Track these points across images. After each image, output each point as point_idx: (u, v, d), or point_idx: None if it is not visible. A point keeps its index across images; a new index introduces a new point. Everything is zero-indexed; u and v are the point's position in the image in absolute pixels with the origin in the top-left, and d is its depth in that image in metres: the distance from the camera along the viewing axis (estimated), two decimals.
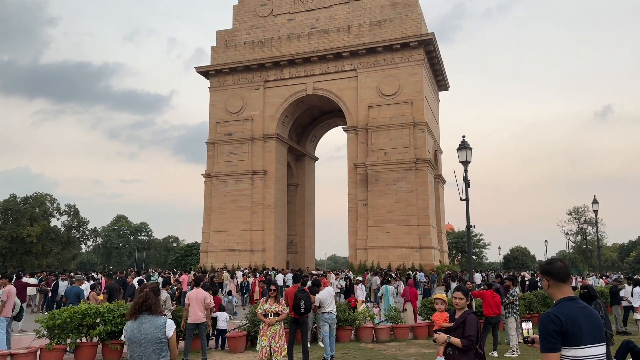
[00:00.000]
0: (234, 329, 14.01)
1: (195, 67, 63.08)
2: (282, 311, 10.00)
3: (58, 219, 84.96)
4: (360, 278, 26.06)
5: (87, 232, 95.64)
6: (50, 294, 21.94)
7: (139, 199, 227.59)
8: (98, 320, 11.40)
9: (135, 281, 18.09)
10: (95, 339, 11.77)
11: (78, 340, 11.44)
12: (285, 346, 9.92)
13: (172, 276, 26.14)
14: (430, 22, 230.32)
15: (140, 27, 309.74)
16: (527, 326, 4.42)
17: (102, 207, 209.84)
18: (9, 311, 12.17)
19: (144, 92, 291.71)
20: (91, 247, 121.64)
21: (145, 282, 16.55)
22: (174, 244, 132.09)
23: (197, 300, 11.33)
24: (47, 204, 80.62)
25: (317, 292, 12.14)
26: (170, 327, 4.74)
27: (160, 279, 22.36)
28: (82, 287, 17.58)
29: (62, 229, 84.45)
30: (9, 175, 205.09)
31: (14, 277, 16.77)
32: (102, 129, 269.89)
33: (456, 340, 6.30)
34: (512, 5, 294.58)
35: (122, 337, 5.33)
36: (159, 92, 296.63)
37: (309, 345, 11.58)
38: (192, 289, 12.45)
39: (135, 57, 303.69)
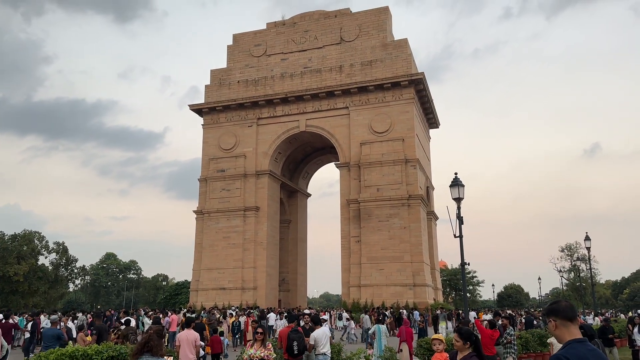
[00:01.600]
0: None
1: (189, 105, 63.70)
2: (268, 356, 9.45)
3: (46, 257, 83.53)
4: (325, 317, 25.31)
5: (76, 271, 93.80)
6: (28, 334, 21.15)
7: (129, 236, 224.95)
8: None
9: (122, 320, 17.60)
10: None
11: None
12: None
13: (161, 316, 25.48)
14: (421, 62, 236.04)
15: (134, 66, 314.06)
16: None
17: (92, 244, 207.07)
18: None
19: (137, 129, 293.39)
20: (79, 286, 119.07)
21: (131, 322, 16.16)
22: (163, 283, 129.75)
23: (188, 341, 10.99)
24: (36, 241, 79.39)
25: (314, 331, 11.88)
26: None
27: (147, 320, 21.75)
28: (69, 325, 17.11)
29: (50, 268, 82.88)
30: None
31: (2, 318, 16.25)
32: (93, 165, 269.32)
33: None
34: (499, 47, 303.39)
35: None
36: (152, 129, 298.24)
37: None
38: (182, 329, 12.10)
39: (129, 94, 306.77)
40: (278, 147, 60.06)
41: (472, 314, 37.29)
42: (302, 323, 14.39)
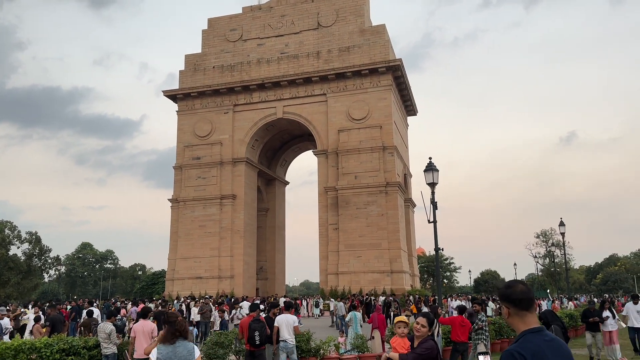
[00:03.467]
0: None
1: (163, 91, 62.25)
2: None
3: (18, 247, 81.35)
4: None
5: (50, 261, 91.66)
6: None
7: (106, 225, 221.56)
8: (34, 357, 10.36)
9: (84, 312, 16.90)
10: None
11: None
12: None
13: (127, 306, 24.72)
14: (401, 50, 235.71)
15: (111, 52, 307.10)
16: (485, 359, 3.82)
17: (69, 234, 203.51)
18: None
19: (114, 117, 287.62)
20: (54, 277, 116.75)
21: (94, 313, 15.47)
22: (140, 272, 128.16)
23: (144, 333, 10.43)
24: (7, 231, 77.17)
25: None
26: (197, 352, 5.22)
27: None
28: (26, 317, 16.34)
29: (23, 258, 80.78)
30: None
31: None
32: (69, 154, 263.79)
33: (394, 355, 5.71)
34: (478, 35, 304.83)
35: (152, 358, 5.08)
36: (130, 117, 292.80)
37: None
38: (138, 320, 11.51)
39: (105, 82, 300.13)
40: (255, 134, 59.19)
41: (455, 303, 37.16)
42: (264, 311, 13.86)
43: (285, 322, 11.57)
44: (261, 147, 62.51)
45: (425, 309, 30.07)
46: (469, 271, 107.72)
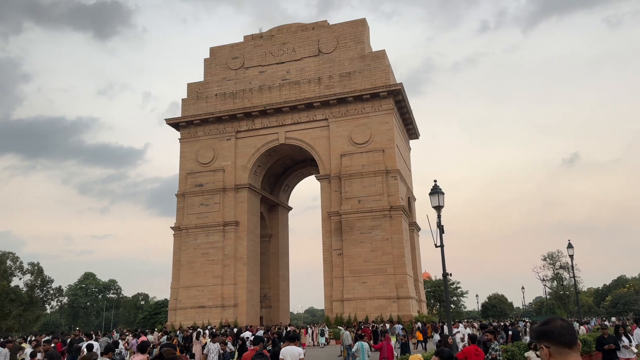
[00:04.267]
0: None
1: (166, 119, 62.48)
2: None
3: (20, 279, 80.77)
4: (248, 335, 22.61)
5: (52, 292, 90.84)
6: None
7: (109, 255, 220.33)
8: None
9: (84, 345, 16.32)
10: None
11: None
12: None
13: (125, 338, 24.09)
14: (401, 75, 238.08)
15: (114, 82, 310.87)
16: None
17: (72, 264, 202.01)
18: None
19: (118, 146, 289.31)
20: (56, 308, 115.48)
21: (94, 347, 14.96)
22: (143, 302, 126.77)
23: None
24: (9, 262, 76.72)
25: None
26: None
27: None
28: (24, 352, 15.79)
29: (25, 289, 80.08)
30: None
31: None
32: (73, 184, 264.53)
33: None
34: (478, 59, 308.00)
35: None
36: (133, 146, 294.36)
37: None
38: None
39: (109, 111, 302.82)
40: (257, 160, 59.11)
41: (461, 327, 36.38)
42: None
43: (291, 355, 11.07)
44: (264, 173, 62.34)
45: (436, 337, 29.26)
46: (476, 296, 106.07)
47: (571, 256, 38.57)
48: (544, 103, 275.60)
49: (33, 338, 24.29)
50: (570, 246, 37.59)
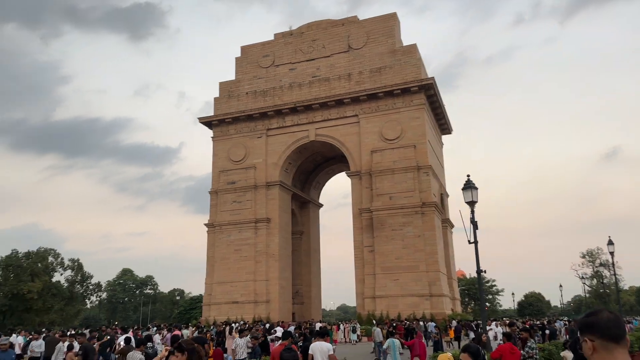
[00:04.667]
0: None
1: (198, 118, 63.44)
2: None
3: (61, 274, 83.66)
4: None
5: (91, 287, 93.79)
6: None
7: (146, 251, 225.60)
8: None
9: (122, 339, 16.75)
10: None
11: None
12: None
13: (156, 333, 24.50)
14: (434, 70, 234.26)
15: (149, 82, 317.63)
16: None
17: (110, 261, 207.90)
18: None
19: (153, 146, 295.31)
20: (96, 303, 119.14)
21: (131, 341, 15.25)
22: (178, 297, 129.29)
23: None
24: (50, 258, 79.55)
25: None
26: None
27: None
28: (63, 344, 16.26)
29: (65, 284, 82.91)
30: (18, 231, 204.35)
31: None
32: (111, 182, 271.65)
33: None
34: (513, 52, 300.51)
35: None
36: (168, 145, 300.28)
37: None
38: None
39: (144, 111, 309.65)
40: (288, 157, 59.36)
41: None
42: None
43: (320, 350, 11.03)
44: (294, 170, 62.56)
45: (471, 335, 28.73)
46: (512, 294, 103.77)
47: (612, 253, 37.24)
48: (582, 96, 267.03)
49: (72, 332, 24.99)
50: (610, 243, 36.29)
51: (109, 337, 20.35)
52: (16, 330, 40.78)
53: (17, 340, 24.61)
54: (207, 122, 62.57)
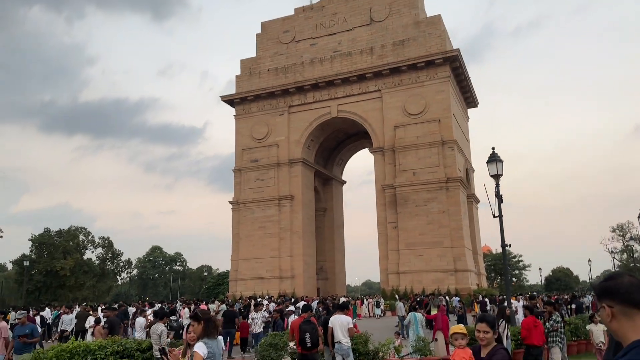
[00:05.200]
0: None
1: (221, 96, 63.53)
2: None
3: (92, 252, 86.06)
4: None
5: (122, 264, 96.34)
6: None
7: (175, 229, 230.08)
8: (89, 359, 10.40)
9: (149, 312, 17.17)
10: None
11: None
12: None
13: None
14: (460, 42, 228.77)
15: (173, 62, 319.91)
16: None
17: (140, 239, 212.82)
18: (1, 349, 11.33)
19: (179, 125, 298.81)
20: (126, 279, 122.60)
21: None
22: (206, 274, 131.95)
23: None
24: (81, 237, 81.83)
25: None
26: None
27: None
28: (91, 320, 16.66)
29: (97, 262, 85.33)
30: (50, 211, 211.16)
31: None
32: (138, 162, 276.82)
33: None
34: (542, 22, 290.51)
35: (202, 352, 5.10)
36: (193, 125, 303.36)
37: None
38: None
39: (169, 91, 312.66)
40: (310, 134, 59.12)
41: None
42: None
43: (339, 323, 11.02)
44: (317, 147, 62.35)
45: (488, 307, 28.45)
46: (540, 269, 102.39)
47: None
48: (613, 68, 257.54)
49: (104, 307, 25.71)
50: None
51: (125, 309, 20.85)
52: (52, 305, 42.33)
53: (45, 314, 25.32)
54: (230, 101, 62.62)
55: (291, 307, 21.99)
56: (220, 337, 5.54)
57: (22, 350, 11.39)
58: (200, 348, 5.18)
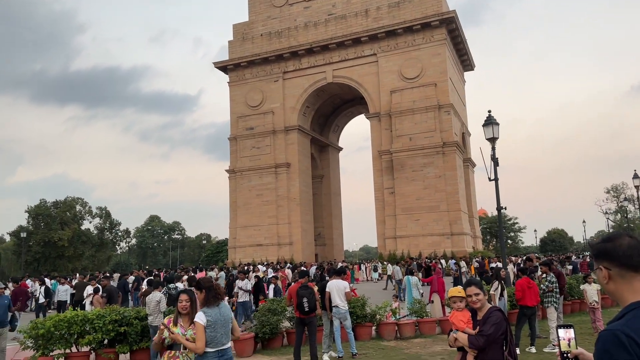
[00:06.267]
0: (242, 331, 12.94)
1: (213, 63, 62.48)
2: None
3: (90, 222, 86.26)
4: (275, 274, 22.36)
5: (120, 234, 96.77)
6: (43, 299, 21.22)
7: (172, 198, 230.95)
8: (88, 328, 10.48)
9: (144, 283, 17.35)
10: (86, 349, 10.88)
11: (67, 351, 10.55)
12: None
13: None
14: (457, 3, 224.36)
15: (165, 29, 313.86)
16: (566, 335, 2.78)
17: (138, 208, 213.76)
18: None
19: (172, 93, 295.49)
20: (126, 249, 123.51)
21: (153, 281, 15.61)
22: (205, 242, 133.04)
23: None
24: (78, 207, 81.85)
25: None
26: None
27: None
28: (90, 289, 16.80)
29: (95, 232, 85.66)
30: (47, 182, 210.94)
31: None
32: (134, 131, 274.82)
33: (462, 336, 4.97)
34: None
35: (202, 321, 5.22)
36: (187, 92, 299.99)
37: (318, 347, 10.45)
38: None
39: (162, 58, 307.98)
40: (306, 101, 58.50)
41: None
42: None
43: (336, 288, 11.12)
44: (313, 114, 61.82)
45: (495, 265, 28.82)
46: (535, 231, 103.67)
47: (637, 187, 36.34)
48: (611, 28, 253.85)
49: (102, 277, 25.84)
50: (636, 177, 35.32)
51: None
52: (50, 275, 42.65)
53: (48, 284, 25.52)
54: (223, 67, 61.63)
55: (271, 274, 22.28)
56: (225, 303, 5.59)
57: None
58: (199, 317, 5.30)
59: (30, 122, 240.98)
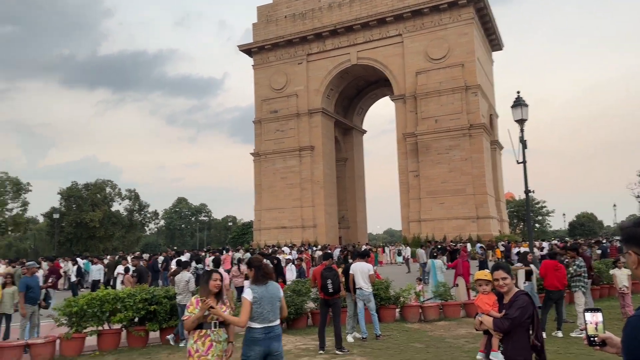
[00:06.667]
0: None
1: (238, 46, 62.54)
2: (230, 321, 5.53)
3: (120, 204, 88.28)
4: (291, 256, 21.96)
5: (149, 215, 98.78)
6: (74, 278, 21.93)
7: (199, 181, 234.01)
8: (119, 306, 10.82)
9: (173, 263, 17.76)
10: (118, 326, 11.26)
11: (100, 328, 10.94)
12: None
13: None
14: None
15: (189, 12, 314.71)
16: (594, 319, 2.74)
17: (166, 190, 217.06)
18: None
19: (198, 77, 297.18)
20: (155, 230, 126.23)
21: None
22: (231, 224, 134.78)
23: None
24: (108, 189, 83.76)
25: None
26: (281, 290, 5.86)
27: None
28: (120, 269, 17.23)
29: (124, 213, 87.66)
30: (77, 165, 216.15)
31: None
32: (160, 114, 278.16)
33: (487, 319, 4.96)
34: None
35: (248, 297, 5.44)
36: (212, 76, 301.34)
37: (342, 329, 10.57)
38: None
39: (187, 42, 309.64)
40: (330, 83, 58.17)
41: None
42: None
43: (360, 270, 11.20)
44: (336, 96, 61.49)
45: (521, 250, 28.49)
46: (563, 214, 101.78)
47: None
48: None
49: (133, 256, 26.48)
50: None
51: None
52: (82, 254, 43.95)
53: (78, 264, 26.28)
54: (247, 50, 61.65)
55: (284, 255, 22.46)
56: (274, 282, 5.78)
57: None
58: (247, 294, 5.51)
59: (61, 105, 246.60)
